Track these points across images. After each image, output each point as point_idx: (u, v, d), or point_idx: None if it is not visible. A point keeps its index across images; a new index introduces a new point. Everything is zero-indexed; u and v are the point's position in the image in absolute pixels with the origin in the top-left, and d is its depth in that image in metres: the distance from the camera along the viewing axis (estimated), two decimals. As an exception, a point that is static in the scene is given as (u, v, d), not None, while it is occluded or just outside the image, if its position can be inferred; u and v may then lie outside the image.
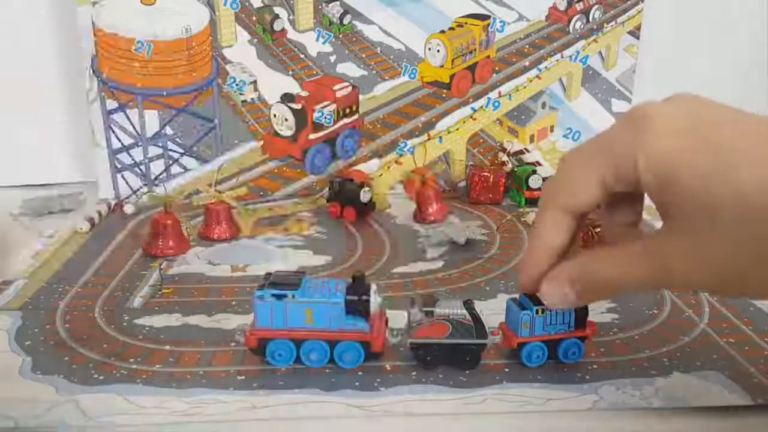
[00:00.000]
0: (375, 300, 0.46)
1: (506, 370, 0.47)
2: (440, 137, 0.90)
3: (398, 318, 0.49)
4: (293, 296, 0.45)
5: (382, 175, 0.90)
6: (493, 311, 0.56)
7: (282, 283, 0.46)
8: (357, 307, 0.46)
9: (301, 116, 0.86)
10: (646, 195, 0.35)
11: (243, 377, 0.46)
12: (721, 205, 0.30)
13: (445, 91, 0.89)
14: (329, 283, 0.47)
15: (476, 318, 0.46)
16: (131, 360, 0.48)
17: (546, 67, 0.90)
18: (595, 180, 0.35)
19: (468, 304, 0.47)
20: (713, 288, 0.35)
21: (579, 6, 0.89)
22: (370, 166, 0.90)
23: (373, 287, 0.46)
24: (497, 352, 0.49)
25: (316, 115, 0.86)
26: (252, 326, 0.47)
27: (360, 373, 0.46)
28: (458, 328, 0.46)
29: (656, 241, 0.34)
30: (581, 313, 0.47)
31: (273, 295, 0.45)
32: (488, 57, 0.89)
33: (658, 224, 0.35)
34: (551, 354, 0.47)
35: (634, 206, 0.39)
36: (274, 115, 0.87)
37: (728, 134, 0.32)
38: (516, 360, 0.48)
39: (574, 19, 0.89)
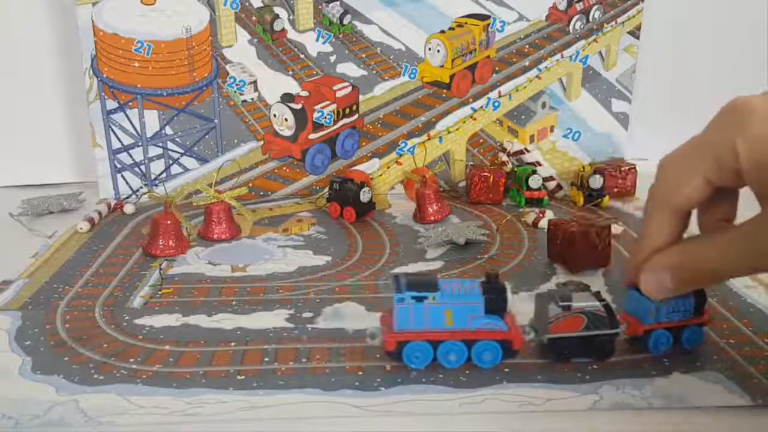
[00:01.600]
0: (511, 299, 0.46)
1: (506, 370, 0.47)
2: (440, 137, 0.90)
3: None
4: (434, 298, 0.45)
5: (382, 175, 0.90)
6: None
7: (419, 285, 0.46)
8: (496, 307, 0.46)
9: (301, 116, 0.86)
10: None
11: (243, 377, 0.46)
12: None
13: (445, 91, 0.89)
14: (463, 283, 0.46)
15: (608, 308, 0.47)
16: (131, 360, 0.48)
17: (546, 67, 0.90)
18: (699, 178, 0.37)
19: (599, 295, 0.47)
20: None
21: (579, 6, 0.89)
22: (370, 166, 0.90)
23: (508, 286, 0.47)
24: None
25: (316, 115, 0.86)
26: (390, 329, 0.46)
27: (360, 373, 0.46)
28: (593, 319, 0.46)
29: (756, 225, 0.35)
30: (700, 300, 0.48)
31: (413, 297, 0.45)
32: (488, 57, 0.89)
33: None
34: (674, 341, 0.48)
35: (730, 201, 0.41)
36: (274, 115, 0.87)
37: None
38: (516, 360, 0.48)
39: (574, 19, 0.89)
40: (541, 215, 0.77)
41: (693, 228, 0.43)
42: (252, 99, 0.87)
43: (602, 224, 0.64)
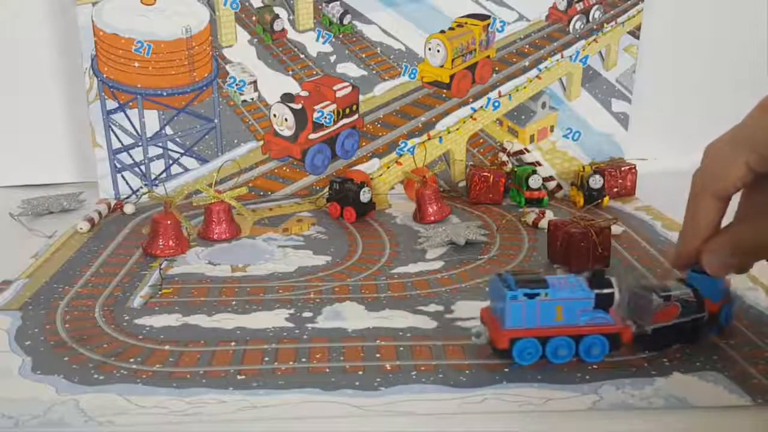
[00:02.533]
0: (617, 293, 0.47)
1: (506, 370, 0.47)
2: (440, 137, 0.90)
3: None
4: (546, 294, 0.46)
5: (382, 175, 0.90)
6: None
7: (530, 283, 0.46)
8: (604, 301, 0.46)
9: (301, 116, 0.86)
10: None
11: (243, 377, 0.46)
12: None
13: (445, 91, 0.89)
14: (569, 279, 0.47)
15: (697, 293, 0.48)
16: (131, 360, 0.48)
17: (546, 67, 0.90)
18: (741, 165, 0.39)
19: (687, 282, 0.48)
20: None
21: (579, 6, 0.89)
22: (370, 166, 0.90)
23: (614, 281, 0.47)
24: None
25: (316, 115, 0.86)
26: (500, 327, 0.46)
27: (360, 373, 0.46)
28: (685, 306, 0.47)
29: None
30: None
31: (525, 294, 0.45)
32: (488, 57, 0.89)
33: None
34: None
35: None
36: (274, 115, 0.87)
37: None
38: (515, 360, 0.48)
39: (574, 19, 0.89)
40: (541, 215, 0.77)
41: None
42: (252, 99, 0.87)
43: (602, 225, 0.64)
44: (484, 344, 0.48)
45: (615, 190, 0.87)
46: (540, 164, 0.91)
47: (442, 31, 0.87)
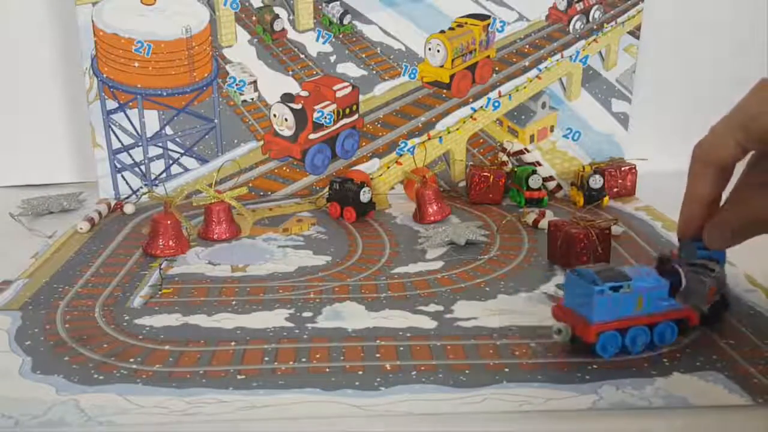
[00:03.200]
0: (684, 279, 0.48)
1: (506, 370, 0.47)
2: (440, 137, 0.90)
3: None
4: (629, 286, 0.47)
5: (382, 175, 0.90)
6: (492, 311, 0.56)
7: (614, 276, 0.47)
8: (676, 289, 0.48)
9: (301, 116, 0.86)
10: None
11: (243, 377, 0.46)
12: None
13: (445, 91, 0.89)
14: (639, 269, 0.49)
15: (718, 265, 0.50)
16: (131, 360, 0.48)
17: (546, 67, 0.90)
18: (731, 139, 0.44)
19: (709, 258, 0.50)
20: None
21: (579, 6, 0.89)
22: (370, 166, 0.90)
23: (680, 268, 0.48)
24: (496, 352, 0.49)
25: (316, 115, 0.86)
26: (585, 322, 0.47)
27: (360, 373, 0.46)
28: (717, 280, 0.49)
29: None
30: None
31: (611, 288, 0.47)
32: (488, 57, 0.89)
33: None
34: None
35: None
36: (274, 115, 0.87)
37: None
38: (516, 360, 0.48)
39: (574, 19, 0.89)
40: (541, 216, 0.77)
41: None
42: (252, 99, 0.87)
43: (602, 225, 0.64)
44: (566, 341, 0.48)
45: (615, 190, 0.87)
46: (540, 164, 0.91)
47: (442, 31, 0.87)
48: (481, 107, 0.90)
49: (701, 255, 0.49)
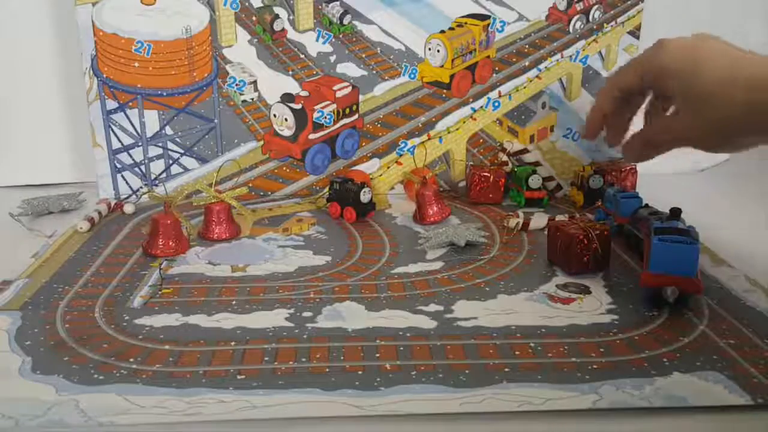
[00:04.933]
0: None
1: (506, 370, 0.47)
2: (440, 137, 0.90)
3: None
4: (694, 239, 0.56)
5: (382, 175, 0.90)
6: (492, 311, 0.56)
7: (687, 232, 0.56)
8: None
9: (301, 116, 0.86)
10: None
11: (243, 377, 0.46)
12: (700, 92, 0.51)
13: (445, 91, 0.89)
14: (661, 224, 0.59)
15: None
16: (131, 360, 0.48)
17: (546, 67, 0.90)
18: (632, 70, 0.58)
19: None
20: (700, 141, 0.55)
21: (579, 6, 0.89)
22: (370, 166, 0.90)
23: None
24: (496, 351, 0.49)
25: (316, 115, 0.86)
26: (693, 275, 0.55)
27: (360, 373, 0.46)
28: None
29: (677, 119, 0.55)
30: None
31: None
32: (488, 57, 0.89)
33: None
34: None
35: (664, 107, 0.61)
36: (274, 115, 0.87)
37: (706, 52, 0.52)
38: (516, 360, 0.48)
39: (574, 19, 0.89)
40: (525, 225, 0.76)
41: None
42: (252, 99, 0.87)
43: (602, 227, 0.64)
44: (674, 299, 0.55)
45: (615, 190, 0.87)
46: (540, 164, 0.91)
47: (442, 31, 0.87)
48: (481, 107, 0.90)
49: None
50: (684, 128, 0.54)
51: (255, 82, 0.87)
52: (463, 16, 0.88)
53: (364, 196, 0.78)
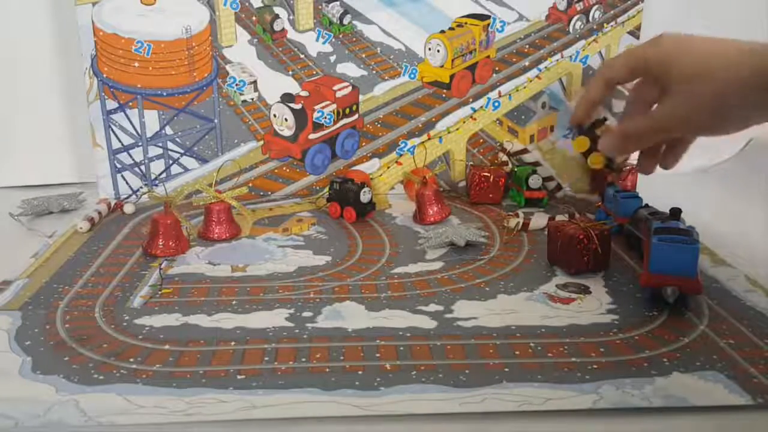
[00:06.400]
0: None
1: (506, 369, 0.47)
2: (440, 137, 0.90)
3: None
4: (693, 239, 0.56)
5: (382, 175, 0.90)
6: (492, 311, 0.56)
7: (683, 234, 0.56)
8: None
9: (301, 116, 0.86)
10: None
11: (242, 377, 0.46)
12: (695, 66, 0.51)
13: (445, 91, 0.89)
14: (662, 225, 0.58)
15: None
16: (131, 360, 0.48)
17: (546, 67, 0.90)
18: (622, 63, 0.58)
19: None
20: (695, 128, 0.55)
21: (579, 6, 0.89)
22: (370, 166, 0.90)
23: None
24: (496, 351, 0.49)
25: (316, 115, 0.86)
26: (692, 276, 0.55)
27: (360, 372, 0.46)
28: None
29: (664, 104, 0.54)
30: None
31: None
32: (488, 57, 0.89)
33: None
34: None
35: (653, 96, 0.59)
36: (274, 115, 0.87)
37: (694, 46, 0.53)
38: (516, 359, 0.48)
39: (574, 19, 0.89)
40: (525, 225, 0.76)
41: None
42: (252, 99, 0.87)
43: (602, 227, 0.64)
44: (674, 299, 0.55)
45: (615, 190, 0.87)
46: (540, 164, 0.91)
47: (442, 31, 0.87)
48: (481, 107, 0.90)
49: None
50: (665, 115, 0.54)
51: (255, 82, 0.87)
52: (463, 16, 0.88)
53: (364, 196, 0.78)
